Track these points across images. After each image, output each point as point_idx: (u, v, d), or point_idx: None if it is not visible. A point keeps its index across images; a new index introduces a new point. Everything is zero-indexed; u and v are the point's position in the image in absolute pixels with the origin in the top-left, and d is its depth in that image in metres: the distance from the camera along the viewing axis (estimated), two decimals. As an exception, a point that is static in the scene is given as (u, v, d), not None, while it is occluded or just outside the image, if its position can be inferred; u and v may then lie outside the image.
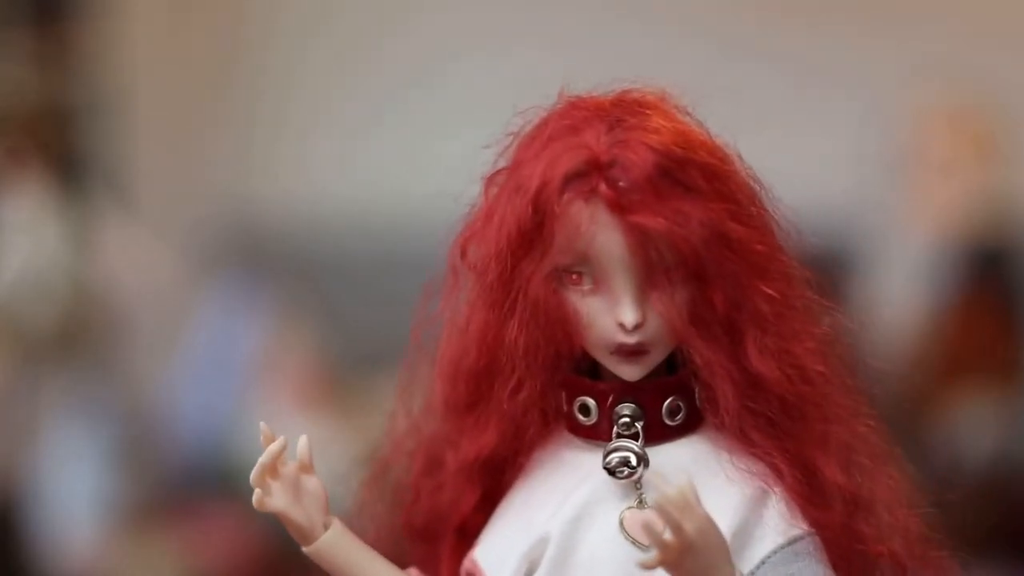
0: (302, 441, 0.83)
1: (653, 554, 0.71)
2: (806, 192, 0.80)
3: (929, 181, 3.36)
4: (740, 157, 0.79)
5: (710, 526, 0.72)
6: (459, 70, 4.05)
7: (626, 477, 0.77)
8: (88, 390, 3.43)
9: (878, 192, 3.51)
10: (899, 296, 3.28)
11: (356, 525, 0.82)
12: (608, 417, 0.78)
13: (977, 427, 2.96)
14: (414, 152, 4.05)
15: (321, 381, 3.67)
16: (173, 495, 3.59)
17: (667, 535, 0.71)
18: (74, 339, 3.40)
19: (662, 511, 0.71)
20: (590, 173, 0.75)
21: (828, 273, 0.82)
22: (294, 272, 3.94)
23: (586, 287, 0.76)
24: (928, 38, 3.66)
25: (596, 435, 0.79)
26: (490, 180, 0.80)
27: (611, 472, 0.77)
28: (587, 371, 0.80)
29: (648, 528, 0.71)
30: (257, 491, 0.80)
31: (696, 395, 0.78)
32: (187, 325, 3.80)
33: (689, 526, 0.71)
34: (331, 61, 4.19)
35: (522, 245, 0.77)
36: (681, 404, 0.78)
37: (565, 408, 0.80)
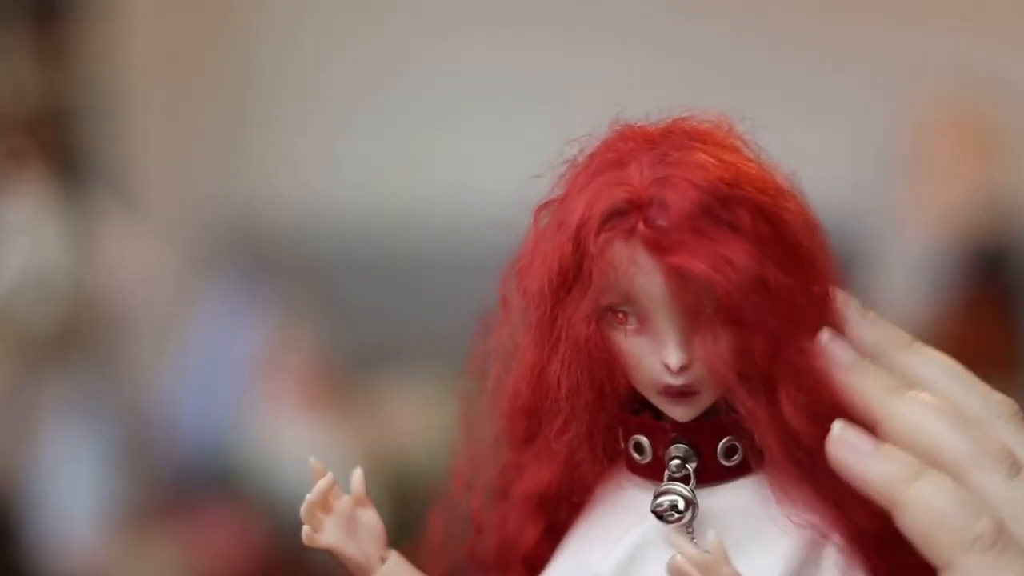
0: (356, 474, 0.81)
1: None
2: (806, 192, 0.78)
3: (929, 181, 3.36)
4: (798, 192, 0.76)
5: None
6: (460, 69, 4.05)
7: (675, 522, 0.74)
8: (88, 390, 3.44)
9: (878, 192, 3.51)
10: (899, 296, 3.28)
11: (422, 560, 0.81)
12: (661, 457, 0.76)
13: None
14: (414, 151, 4.05)
15: (322, 381, 3.67)
16: (173, 495, 3.60)
17: None
18: (74, 339, 3.41)
19: (679, 570, 0.70)
20: (630, 212, 0.72)
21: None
22: (295, 272, 3.95)
23: (631, 327, 0.74)
24: (928, 38, 3.67)
25: (652, 474, 0.76)
26: (540, 210, 0.77)
27: (659, 516, 0.75)
28: (645, 407, 0.77)
29: None
30: (306, 527, 0.79)
31: (754, 437, 0.76)
32: (187, 325, 3.80)
33: None
34: (330, 61, 4.19)
35: (563, 284, 0.74)
36: (738, 445, 0.75)
37: (622, 446, 0.78)
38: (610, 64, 3.65)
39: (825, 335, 0.74)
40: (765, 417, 0.73)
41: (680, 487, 0.75)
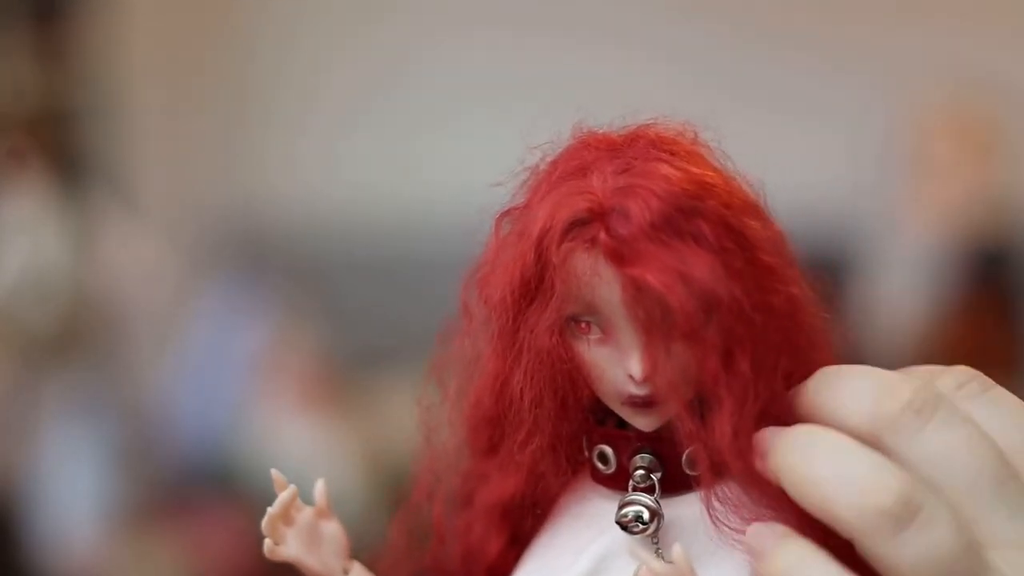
0: (319, 486, 0.81)
1: None
2: (806, 192, 0.77)
3: (929, 181, 3.36)
4: (761, 199, 0.75)
5: None
6: (460, 69, 4.05)
7: (640, 532, 0.74)
8: (88, 390, 3.44)
9: (878, 192, 3.51)
10: (899, 296, 3.28)
11: (384, 569, 0.81)
12: (626, 466, 0.75)
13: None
14: (414, 151, 4.05)
15: (322, 381, 3.67)
16: (173, 495, 3.60)
17: None
18: (74, 339, 3.40)
19: None
20: (592, 221, 0.71)
21: (827, 273, 0.80)
22: (295, 272, 3.95)
23: (594, 337, 0.73)
24: (928, 38, 3.66)
25: (616, 484, 0.76)
26: (501, 218, 0.77)
27: (624, 527, 0.74)
28: (610, 417, 0.76)
29: None
30: (267, 541, 0.78)
31: None
32: (187, 325, 3.80)
33: None
34: (330, 61, 4.19)
35: (525, 294, 0.73)
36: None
37: (586, 455, 0.77)
38: (610, 64, 3.65)
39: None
40: (699, 436, 0.72)
41: (645, 498, 0.74)
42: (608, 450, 0.76)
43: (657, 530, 0.74)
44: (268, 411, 3.58)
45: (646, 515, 0.74)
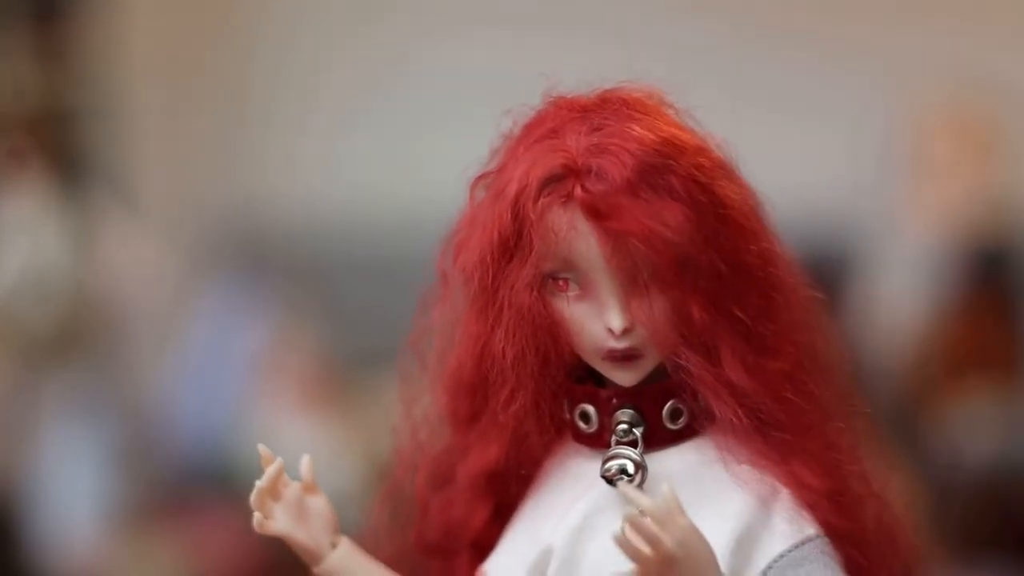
0: (304, 461, 0.81)
1: (632, 569, 0.70)
2: (806, 192, 0.78)
3: (929, 181, 3.36)
4: (730, 159, 0.77)
5: (693, 537, 0.70)
6: (460, 69, 4.05)
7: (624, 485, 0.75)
8: (88, 390, 3.43)
9: (878, 192, 3.51)
10: (899, 296, 3.28)
11: (370, 543, 0.81)
12: (608, 424, 0.77)
13: (977, 427, 2.96)
14: (414, 151, 4.05)
15: (322, 380, 3.67)
16: (173, 495, 3.59)
17: (645, 548, 0.70)
18: (74, 339, 3.40)
19: (639, 525, 0.70)
20: (567, 177, 0.73)
21: (828, 273, 0.80)
22: (295, 271, 3.94)
23: (572, 293, 0.75)
24: (928, 38, 3.66)
25: (598, 443, 0.77)
26: (476, 183, 0.78)
27: (609, 481, 0.75)
28: (589, 377, 0.78)
29: (624, 543, 0.69)
30: (257, 515, 0.78)
31: (698, 399, 0.76)
32: (187, 325, 3.80)
33: (668, 538, 0.69)
34: (330, 61, 4.19)
35: (504, 252, 0.75)
36: (682, 408, 0.76)
37: (568, 416, 0.78)
38: (610, 64, 3.65)
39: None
40: (710, 375, 0.74)
41: (628, 451, 0.76)
42: (590, 408, 0.77)
43: (642, 483, 0.75)
44: (268, 411, 3.58)
45: (630, 467, 0.75)
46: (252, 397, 3.63)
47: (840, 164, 3.65)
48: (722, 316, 0.74)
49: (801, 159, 3.49)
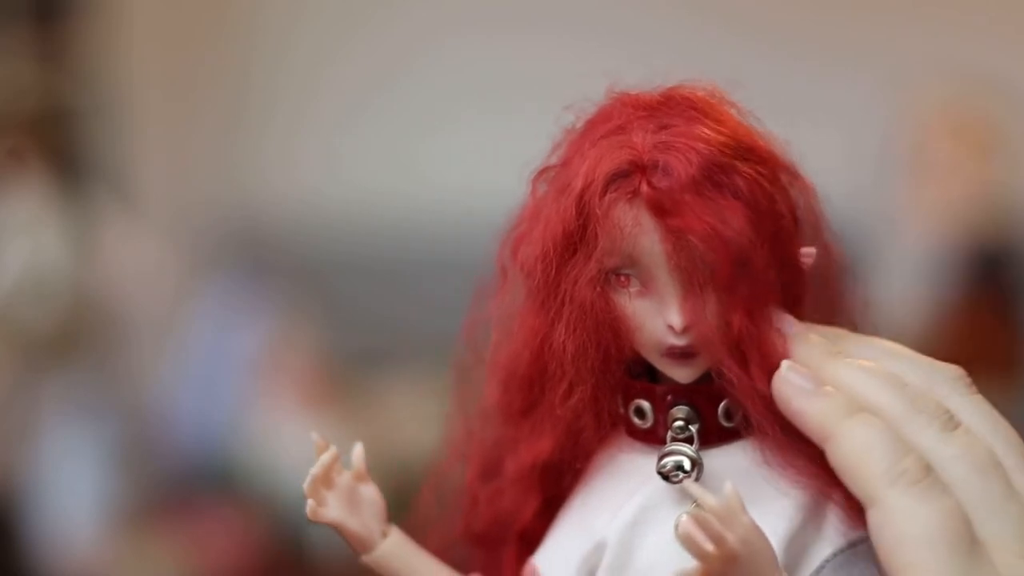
0: (357, 449, 0.81)
1: (695, 566, 0.70)
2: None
3: (929, 181, 3.36)
4: (793, 160, 0.78)
5: (755, 535, 0.70)
6: (460, 69, 4.05)
7: (680, 481, 0.75)
8: (88, 390, 3.44)
9: (878, 192, 3.51)
10: (899, 296, 3.28)
11: (417, 533, 0.81)
12: (663, 420, 0.77)
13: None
14: (414, 151, 4.05)
15: (322, 380, 3.67)
16: (173, 495, 3.60)
17: (708, 546, 0.70)
18: (74, 340, 3.40)
19: (703, 522, 0.70)
20: (633, 173, 0.74)
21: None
22: (296, 271, 3.95)
23: (634, 289, 0.75)
24: (928, 38, 3.67)
25: (652, 439, 0.77)
26: (538, 177, 0.78)
27: (665, 477, 0.75)
28: (644, 373, 0.78)
29: (688, 539, 0.70)
30: (310, 502, 0.79)
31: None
32: (187, 325, 3.80)
33: (732, 536, 0.69)
34: (329, 61, 4.19)
35: (568, 247, 0.75)
36: (736, 406, 0.77)
37: (622, 411, 0.78)
38: (610, 64, 3.65)
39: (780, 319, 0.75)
40: (747, 385, 0.74)
41: (685, 447, 0.76)
42: (645, 404, 0.77)
43: (698, 479, 0.75)
44: (268, 411, 3.58)
45: (687, 464, 0.75)
46: (252, 397, 3.63)
47: (839, 164, 3.64)
48: (761, 325, 0.74)
49: (801, 159, 3.49)
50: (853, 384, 0.73)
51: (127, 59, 3.99)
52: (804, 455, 0.74)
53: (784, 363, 0.74)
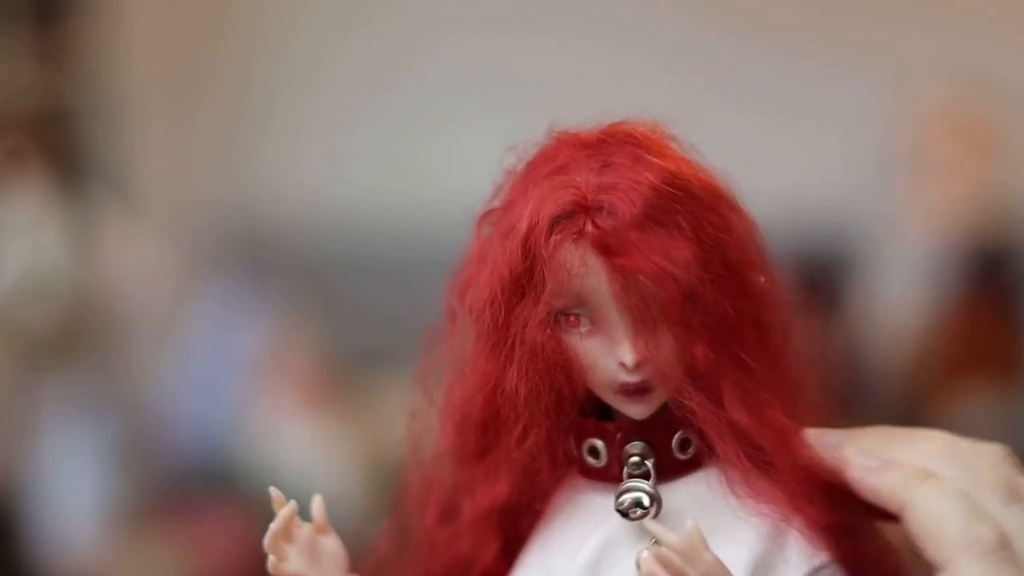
0: (316, 502, 0.81)
1: None
2: (806, 192, 0.78)
3: (929, 181, 3.36)
4: (733, 192, 0.78)
5: (718, 570, 0.71)
6: (459, 69, 4.05)
7: (639, 518, 0.75)
8: (88, 390, 3.43)
9: (878, 192, 3.51)
10: (899, 296, 3.28)
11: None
12: (618, 458, 0.77)
13: (977, 427, 2.96)
14: (414, 151, 4.05)
15: (322, 380, 3.67)
16: (173, 495, 3.60)
17: None
18: (74, 340, 3.40)
19: (665, 560, 0.70)
20: (577, 214, 0.74)
21: (828, 273, 0.81)
22: (296, 271, 3.95)
23: (584, 329, 0.75)
24: (928, 38, 3.66)
25: (607, 477, 0.77)
26: (483, 219, 0.78)
27: (624, 514, 0.75)
28: (596, 412, 0.78)
29: None
30: (271, 558, 0.79)
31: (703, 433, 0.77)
32: (187, 325, 3.80)
33: (695, 573, 0.70)
34: (329, 61, 4.19)
35: (515, 290, 0.75)
36: (691, 437, 0.77)
37: (575, 452, 0.78)
38: (610, 64, 3.65)
39: (851, 452, 0.75)
40: (713, 416, 0.74)
41: (642, 483, 0.76)
42: (599, 443, 0.77)
43: (656, 515, 0.75)
44: (268, 411, 3.58)
45: (645, 500, 0.75)
46: (252, 397, 3.63)
47: (840, 164, 3.65)
48: (726, 355, 0.75)
49: (801, 159, 3.49)
50: (933, 508, 0.73)
51: (127, 59, 3.99)
52: (767, 482, 0.75)
53: (851, 450, 0.75)
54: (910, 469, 0.72)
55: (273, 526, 0.78)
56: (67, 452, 3.38)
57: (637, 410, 0.76)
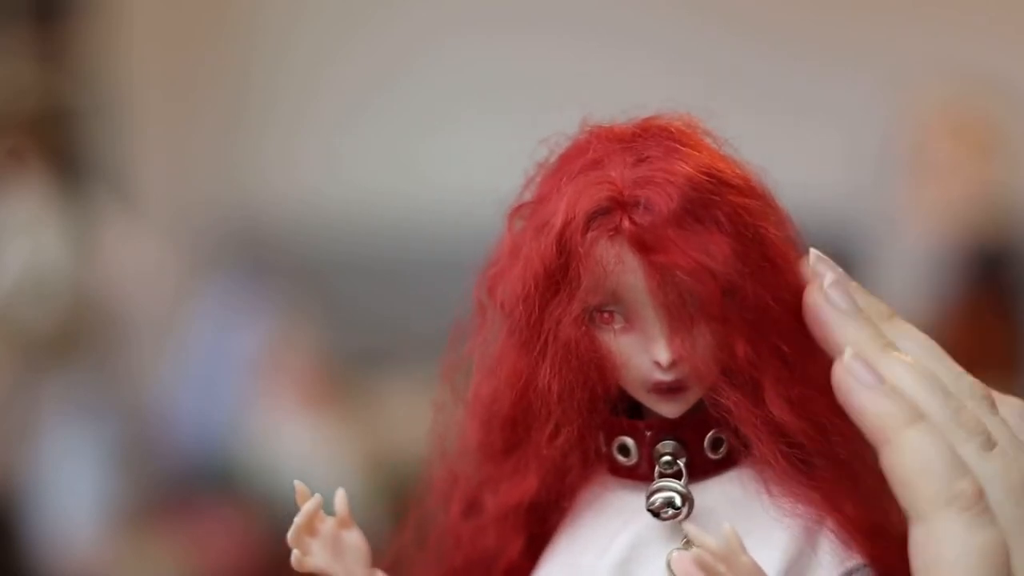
0: (339, 496, 0.81)
1: None
2: (806, 192, 0.78)
3: (929, 181, 3.36)
4: (768, 187, 0.77)
5: (756, 573, 0.70)
6: (459, 69, 4.05)
7: (671, 518, 0.75)
8: (88, 390, 3.44)
9: (878, 192, 3.51)
10: (899, 296, 3.28)
11: (400, 572, 0.81)
12: (648, 456, 0.76)
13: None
14: (414, 151, 4.06)
15: (322, 380, 3.67)
16: (173, 495, 3.60)
17: None
18: (74, 340, 3.40)
19: (703, 563, 0.70)
20: (614, 210, 0.72)
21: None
22: (296, 271, 3.95)
23: (618, 326, 0.74)
24: (928, 38, 3.67)
25: (637, 475, 0.76)
26: (514, 213, 0.77)
27: (655, 514, 0.75)
28: (627, 410, 0.77)
29: None
30: (295, 552, 0.79)
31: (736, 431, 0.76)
32: (187, 325, 3.80)
33: None
34: (329, 61, 4.19)
35: (549, 287, 0.74)
36: (723, 437, 0.76)
37: (604, 450, 0.78)
38: (610, 64, 3.65)
39: (812, 259, 0.75)
40: (751, 413, 0.74)
41: (674, 483, 0.75)
42: (629, 441, 0.76)
43: (688, 514, 0.75)
44: (268, 411, 3.58)
45: (677, 500, 0.75)
46: (252, 397, 3.63)
47: (840, 164, 3.65)
48: (766, 351, 0.74)
49: (801, 159, 3.49)
50: (903, 384, 0.72)
51: (127, 59, 3.99)
52: (804, 482, 0.74)
53: (847, 350, 0.73)
54: (901, 405, 0.71)
55: (297, 520, 0.78)
56: (67, 452, 3.38)
57: (670, 409, 0.75)
